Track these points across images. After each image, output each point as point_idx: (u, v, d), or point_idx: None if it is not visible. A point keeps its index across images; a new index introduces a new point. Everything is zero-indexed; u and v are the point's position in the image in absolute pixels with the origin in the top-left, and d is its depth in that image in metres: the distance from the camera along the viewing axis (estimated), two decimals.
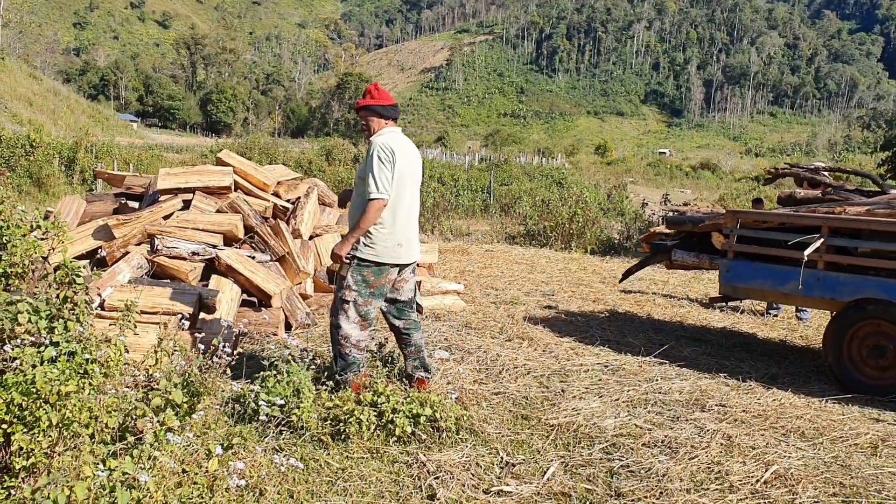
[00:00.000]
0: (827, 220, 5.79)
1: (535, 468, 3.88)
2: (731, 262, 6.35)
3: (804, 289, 5.83)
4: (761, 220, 6.37)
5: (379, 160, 4.30)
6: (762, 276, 6.18)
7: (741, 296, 6.70)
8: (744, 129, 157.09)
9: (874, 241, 5.61)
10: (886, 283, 5.44)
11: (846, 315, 5.66)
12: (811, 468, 3.98)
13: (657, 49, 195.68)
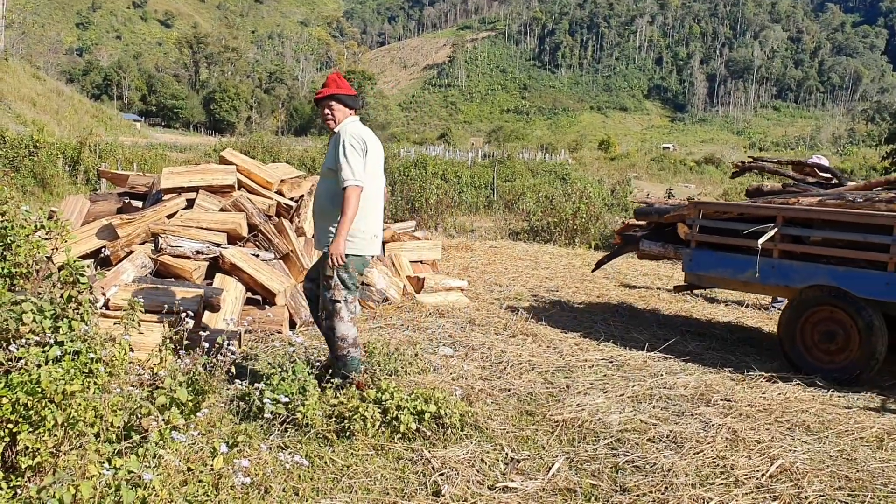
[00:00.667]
0: (781, 211, 6.05)
1: (539, 464, 3.88)
2: (694, 252, 6.61)
3: (760, 276, 6.09)
4: (722, 211, 6.62)
5: (352, 148, 4.29)
6: (722, 265, 6.44)
7: (705, 284, 6.93)
8: (747, 123, 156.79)
9: (825, 230, 5.86)
10: (836, 270, 5.70)
11: (799, 301, 5.91)
12: (817, 462, 3.97)
13: (660, 44, 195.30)
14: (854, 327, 5.60)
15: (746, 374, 5.66)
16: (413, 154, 34.63)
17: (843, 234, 5.73)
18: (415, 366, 5.17)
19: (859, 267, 5.63)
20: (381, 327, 6.58)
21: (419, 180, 20.19)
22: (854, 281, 5.59)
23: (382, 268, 7.60)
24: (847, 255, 5.68)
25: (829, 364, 5.71)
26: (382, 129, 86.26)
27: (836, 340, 5.72)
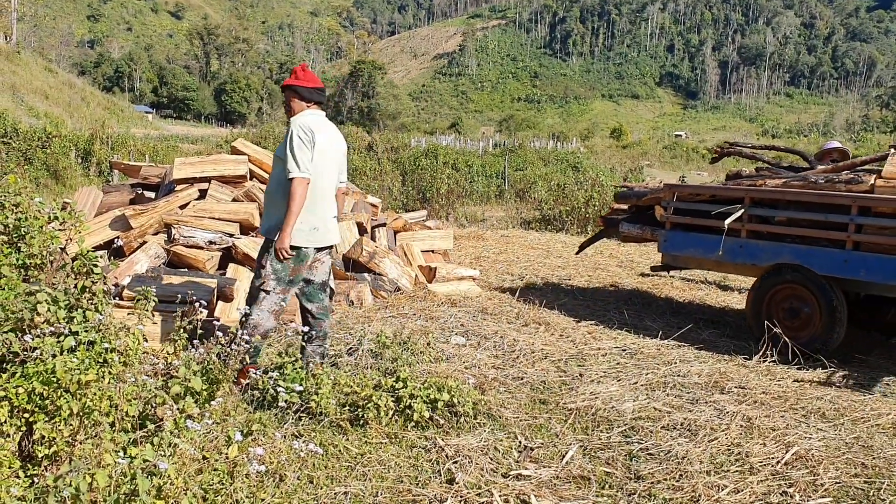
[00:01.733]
0: (748, 192, 6.34)
1: (553, 452, 3.88)
2: (668, 233, 6.89)
3: (729, 255, 6.38)
4: (695, 193, 6.90)
5: (299, 140, 4.29)
6: (695, 245, 6.70)
7: (680, 264, 7.20)
8: (760, 110, 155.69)
9: (788, 211, 6.12)
10: (799, 249, 5.95)
11: (765, 279, 6.18)
12: (832, 449, 3.95)
13: (672, 31, 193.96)
14: (816, 304, 5.83)
15: (761, 361, 5.63)
16: (424, 144, 34.56)
17: (805, 214, 5.98)
18: (427, 355, 5.17)
19: (820, 245, 5.86)
20: (394, 317, 6.58)
21: (430, 170, 20.15)
22: (815, 259, 5.83)
23: (394, 257, 7.60)
24: (809, 234, 5.94)
25: (794, 339, 5.84)
26: (393, 119, 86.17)
27: (800, 316, 5.96)
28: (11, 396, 2.72)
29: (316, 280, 4.58)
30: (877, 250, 5.53)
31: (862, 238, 5.59)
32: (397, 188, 19.36)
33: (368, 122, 73.06)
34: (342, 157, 4.60)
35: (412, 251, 8.20)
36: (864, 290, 5.89)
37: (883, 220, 5.49)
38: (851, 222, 5.62)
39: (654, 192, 7.38)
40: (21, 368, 2.84)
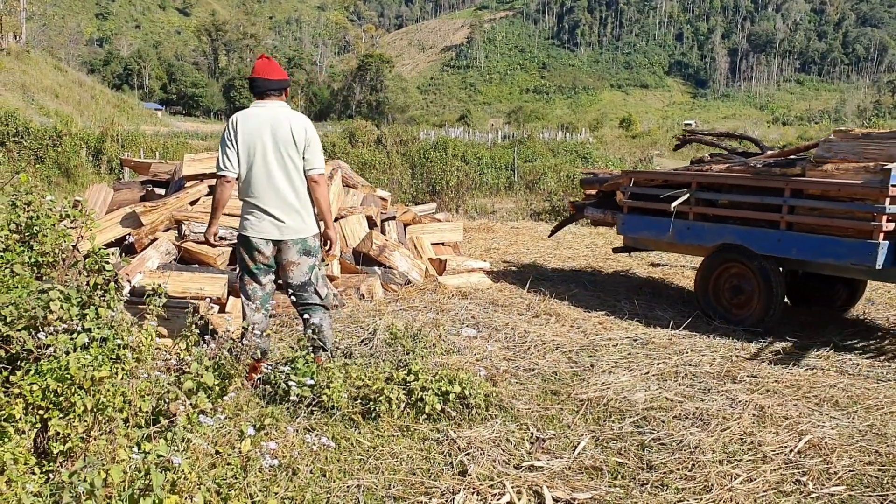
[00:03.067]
0: (695, 177, 6.79)
1: (565, 443, 3.88)
2: (626, 217, 7.36)
3: (678, 237, 6.85)
4: (649, 179, 7.38)
5: (222, 137, 4.34)
6: (649, 228, 7.17)
7: (639, 246, 7.63)
8: (770, 97, 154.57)
9: (731, 194, 6.54)
10: (740, 230, 6.37)
11: (711, 259, 6.62)
12: (846, 437, 3.94)
13: (680, 19, 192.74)
14: (756, 281, 6.26)
15: (773, 350, 5.61)
16: (433, 136, 34.54)
17: (744, 197, 6.40)
18: (439, 347, 5.18)
19: (758, 226, 6.28)
20: (405, 309, 6.59)
21: (439, 163, 20.13)
22: (754, 239, 6.26)
23: (404, 250, 7.61)
24: (748, 215, 6.35)
25: (737, 315, 6.39)
26: (402, 113, 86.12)
27: (742, 294, 6.41)
28: (26, 394, 2.75)
29: (292, 283, 4.50)
30: (806, 230, 5.97)
31: (794, 219, 6.02)
32: (407, 181, 19.35)
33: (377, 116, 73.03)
34: (285, 143, 4.34)
35: (422, 244, 8.21)
36: (798, 268, 6.41)
37: (812, 202, 5.92)
38: (785, 204, 6.06)
39: (614, 179, 7.85)
40: (35, 366, 2.86)
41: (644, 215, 7.21)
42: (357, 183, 8.73)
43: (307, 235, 4.47)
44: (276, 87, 4.44)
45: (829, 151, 6.09)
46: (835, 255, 5.76)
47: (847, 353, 5.62)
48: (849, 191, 5.68)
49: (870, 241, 5.50)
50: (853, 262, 5.66)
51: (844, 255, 5.69)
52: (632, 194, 7.32)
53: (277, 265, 4.51)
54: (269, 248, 4.42)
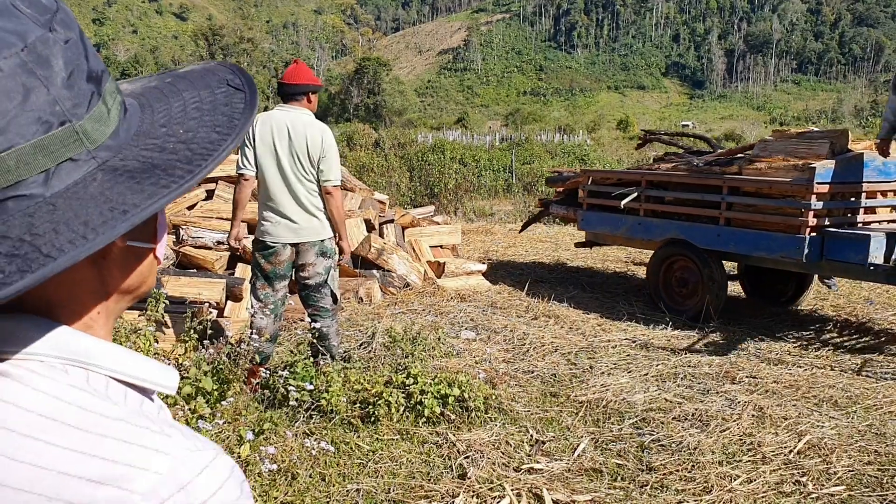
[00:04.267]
0: (644, 175, 7.16)
1: (565, 445, 3.88)
2: (585, 213, 7.76)
3: (631, 232, 7.23)
4: (605, 177, 7.80)
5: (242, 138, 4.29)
6: (605, 223, 7.57)
7: (599, 240, 8.01)
8: (767, 98, 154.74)
9: (676, 192, 6.91)
10: (684, 225, 6.74)
11: (659, 253, 6.99)
12: (845, 437, 3.94)
13: (677, 20, 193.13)
14: (699, 274, 6.61)
15: (772, 351, 5.61)
16: (430, 139, 34.55)
17: (688, 194, 6.77)
18: (438, 350, 5.18)
19: (700, 222, 6.64)
20: (403, 312, 6.59)
21: (437, 165, 20.14)
22: (696, 234, 6.63)
23: (403, 253, 7.61)
24: (691, 211, 6.72)
25: (684, 306, 6.76)
26: (399, 116, 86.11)
27: (688, 285, 6.79)
28: None
29: (309, 283, 4.48)
30: (742, 225, 6.33)
31: (731, 215, 6.36)
32: (405, 184, 19.36)
33: (375, 119, 73.03)
34: (300, 150, 4.33)
35: (420, 247, 8.21)
36: (736, 261, 6.89)
37: (747, 199, 6.28)
38: (723, 201, 6.39)
39: (576, 177, 8.28)
40: None
41: (601, 211, 7.60)
42: (355, 186, 8.73)
43: (325, 238, 4.47)
44: (296, 91, 4.42)
45: (764, 150, 6.44)
46: (767, 249, 6.10)
47: (846, 354, 5.62)
48: (779, 188, 6.03)
49: (797, 236, 5.84)
50: (783, 256, 6.01)
51: (775, 249, 6.04)
52: (590, 192, 7.71)
53: (294, 268, 4.51)
54: (286, 251, 4.40)
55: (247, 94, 0.75)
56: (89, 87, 0.63)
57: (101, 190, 0.60)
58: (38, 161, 0.59)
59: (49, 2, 0.63)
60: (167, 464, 0.59)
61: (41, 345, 0.63)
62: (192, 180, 0.63)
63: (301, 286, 4.53)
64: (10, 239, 0.56)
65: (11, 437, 0.58)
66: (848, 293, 7.77)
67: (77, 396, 0.61)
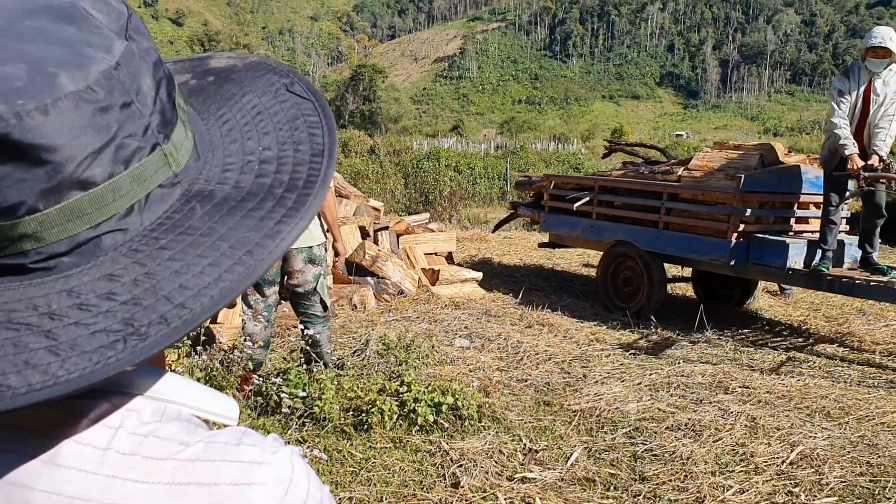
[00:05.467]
0: (597, 181, 7.78)
1: (558, 454, 3.87)
2: (547, 215, 8.23)
3: (585, 234, 7.73)
4: (565, 182, 8.40)
5: None
6: (563, 225, 8.05)
7: (560, 241, 8.49)
8: (761, 108, 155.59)
9: (623, 196, 7.42)
10: (630, 228, 7.23)
11: (608, 253, 7.47)
12: (837, 448, 3.94)
13: (672, 30, 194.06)
14: (642, 274, 7.03)
15: (764, 361, 5.62)
16: (426, 146, 34.59)
17: (633, 199, 7.29)
18: (431, 358, 5.18)
19: (643, 225, 7.14)
20: (397, 320, 6.58)
21: (433, 172, 20.18)
22: (639, 236, 7.11)
23: (397, 260, 7.61)
24: (636, 215, 7.21)
25: (628, 304, 7.16)
26: (395, 123, 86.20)
27: (632, 284, 7.22)
28: None
29: (299, 290, 4.46)
30: (679, 229, 6.83)
31: (669, 219, 6.89)
32: (400, 191, 19.38)
33: (370, 126, 73.05)
34: None
35: (415, 254, 8.21)
36: (674, 263, 7.35)
37: (684, 205, 6.79)
38: (662, 206, 6.91)
39: (540, 181, 8.75)
40: None
41: (561, 214, 8.06)
42: (350, 193, 8.73)
43: (313, 244, 4.44)
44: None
45: (702, 160, 7.02)
46: (698, 252, 6.62)
47: (838, 364, 5.63)
48: (710, 195, 6.56)
49: (725, 240, 6.34)
50: (712, 258, 6.50)
51: (706, 252, 6.54)
52: (552, 195, 8.17)
53: (283, 274, 4.48)
54: None
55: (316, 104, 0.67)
56: (170, 103, 0.58)
57: (210, 224, 0.55)
58: (134, 192, 0.54)
59: (119, 5, 0.58)
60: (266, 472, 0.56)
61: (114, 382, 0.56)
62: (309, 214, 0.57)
63: (291, 293, 4.52)
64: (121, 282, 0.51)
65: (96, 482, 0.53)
66: (840, 304, 7.80)
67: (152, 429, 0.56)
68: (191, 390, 0.62)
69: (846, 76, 6.15)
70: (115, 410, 0.57)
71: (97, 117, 0.51)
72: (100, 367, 0.48)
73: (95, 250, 0.53)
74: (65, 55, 0.51)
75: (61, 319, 0.50)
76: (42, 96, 0.49)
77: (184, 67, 0.72)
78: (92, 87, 0.51)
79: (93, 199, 0.52)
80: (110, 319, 0.50)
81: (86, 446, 0.55)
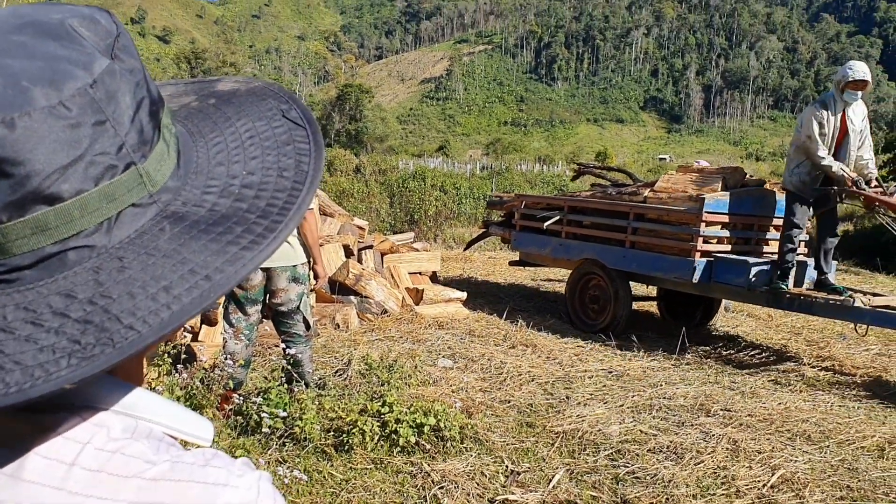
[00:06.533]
0: (566, 201, 8.02)
1: (540, 476, 3.86)
2: (518, 234, 8.46)
3: (554, 252, 7.93)
4: (535, 202, 8.58)
5: None
6: (533, 244, 8.25)
7: (530, 260, 8.66)
8: (744, 133, 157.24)
9: (592, 216, 7.68)
10: (597, 247, 7.45)
11: (576, 271, 7.69)
12: (818, 472, 3.95)
13: (656, 55, 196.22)
14: (608, 291, 7.28)
15: (746, 383, 5.64)
16: (412, 166, 34.67)
17: (601, 219, 7.54)
18: (414, 378, 5.15)
19: (610, 244, 7.36)
20: (381, 339, 6.55)
21: (418, 192, 20.22)
22: (606, 255, 7.32)
23: (381, 280, 7.59)
24: (603, 234, 7.46)
25: (595, 321, 7.41)
26: (381, 142, 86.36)
27: (599, 302, 7.45)
28: None
29: (282, 309, 4.43)
30: (644, 248, 7.06)
31: (635, 238, 7.10)
32: (385, 210, 19.39)
33: (356, 145, 73.18)
34: None
35: (399, 273, 8.19)
36: (639, 281, 7.57)
37: (650, 224, 7.01)
38: (629, 225, 7.14)
39: (511, 201, 8.97)
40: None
41: (531, 233, 8.27)
42: (334, 211, 8.72)
43: (296, 263, 4.42)
44: None
45: (668, 182, 7.23)
46: (663, 270, 6.84)
47: (819, 387, 5.66)
48: (675, 216, 6.76)
49: (688, 259, 6.56)
50: (676, 277, 6.72)
51: (670, 270, 6.76)
52: (523, 214, 8.40)
53: (266, 293, 4.45)
54: (257, 276, 4.34)
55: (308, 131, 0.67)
56: (152, 123, 0.57)
57: (175, 246, 0.55)
58: (103, 209, 0.53)
59: (109, 24, 0.58)
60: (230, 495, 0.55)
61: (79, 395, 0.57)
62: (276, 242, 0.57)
63: (274, 312, 4.49)
64: (77, 300, 0.51)
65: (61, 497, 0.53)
66: (821, 328, 7.85)
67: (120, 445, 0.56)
68: (166, 409, 0.61)
69: (824, 107, 6.30)
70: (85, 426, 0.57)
71: (67, 133, 0.51)
72: (40, 382, 0.48)
73: (60, 265, 0.53)
74: (42, 70, 0.52)
75: (13, 333, 0.50)
76: (10, 110, 0.50)
77: (192, 89, 0.73)
78: (64, 103, 0.51)
79: (59, 214, 0.52)
80: (59, 336, 0.50)
81: (52, 461, 0.54)
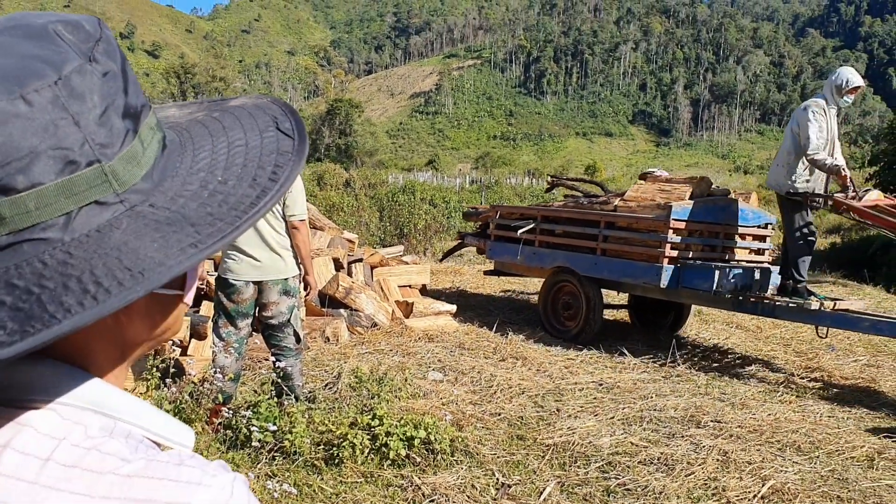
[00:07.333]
0: (540, 211, 8.21)
1: (531, 489, 3.85)
2: (493, 243, 8.60)
3: (527, 260, 8.08)
4: (510, 212, 8.68)
5: None
6: (507, 253, 8.37)
7: (505, 269, 8.75)
8: (732, 146, 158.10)
9: (564, 225, 7.84)
10: (569, 254, 7.61)
11: (549, 279, 7.86)
12: (808, 482, 3.96)
13: (644, 70, 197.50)
14: (580, 297, 7.45)
15: (736, 395, 5.65)
16: (401, 180, 34.71)
17: (573, 228, 7.70)
18: (404, 391, 5.13)
19: (582, 252, 7.52)
20: (370, 353, 6.54)
21: (407, 206, 20.23)
22: (578, 262, 7.49)
23: (371, 293, 7.57)
24: (575, 243, 7.62)
25: (568, 327, 7.60)
26: (370, 156, 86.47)
27: (572, 308, 7.63)
28: None
29: (272, 322, 4.42)
30: (614, 255, 7.22)
31: (606, 246, 7.27)
32: (375, 224, 19.38)
33: (346, 160, 73.25)
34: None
35: (389, 286, 8.18)
36: (610, 288, 7.73)
37: (620, 232, 7.22)
38: (600, 233, 7.32)
39: (486, 212, 9.18)
40: None
41: (505, 242, 8.41)
42: (324, 225, 8.71)
43: (288, 276, 4.41)
44: None
45: (637, 192, 7.44)
46: (632, 276, 7.03)
47: (809, 398, 5.68)
48: (643, 224, 7.00)
49: (656, 265, 6.75)
50: (645, 282, 6.93)
51: (639, 276, 6.95)
52: (497, 224, 8.54)
53: (257, 306, 4.44)
54: (249, 289, 4.33)
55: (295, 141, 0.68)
56: (124, 125, 0.59)
57: (125, 240, 0.55)
58: (61, 203, 0.54)
59: (93, 28, 0.60)
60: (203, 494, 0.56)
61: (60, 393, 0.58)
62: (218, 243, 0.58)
63: (264, 325, 4.47)
64: (17, 289, 0.52)
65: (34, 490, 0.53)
66: (810, 339, 7.87)
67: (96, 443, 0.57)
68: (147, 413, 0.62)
69: (823, 113, 6.38)
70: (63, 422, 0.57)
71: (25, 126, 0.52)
72: None
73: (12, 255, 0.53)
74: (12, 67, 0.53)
75: None
76: None
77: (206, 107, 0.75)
78: (24, 97, 0.53)
79: (12, 205, 0.53)
80: None
81: (27, 456, 0.55)
